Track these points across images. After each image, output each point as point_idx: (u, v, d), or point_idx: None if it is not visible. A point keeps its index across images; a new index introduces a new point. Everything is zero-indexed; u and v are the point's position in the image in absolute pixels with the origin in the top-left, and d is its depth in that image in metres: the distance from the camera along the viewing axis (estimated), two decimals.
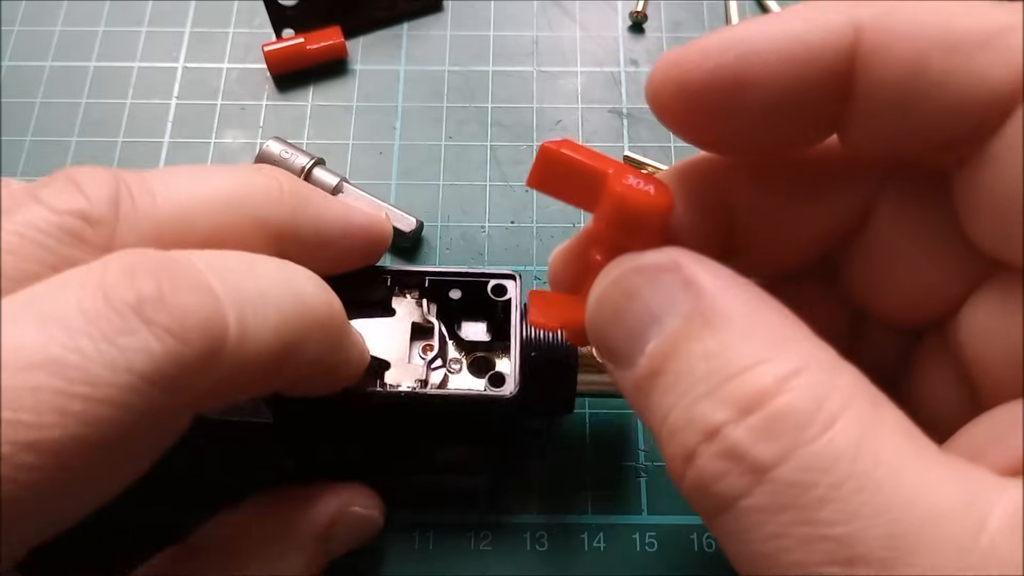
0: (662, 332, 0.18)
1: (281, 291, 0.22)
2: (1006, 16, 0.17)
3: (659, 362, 0.18)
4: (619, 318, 0.20)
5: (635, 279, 0.19)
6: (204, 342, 0.19)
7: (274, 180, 0.26)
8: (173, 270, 0.19)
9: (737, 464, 0.16)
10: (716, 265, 0.19)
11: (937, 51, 0.17)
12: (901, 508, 0.15)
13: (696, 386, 0.17)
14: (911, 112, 0.18)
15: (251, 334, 0.20)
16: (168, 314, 0.18)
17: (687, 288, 0.18)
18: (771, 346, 0.17)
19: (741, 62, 0.18)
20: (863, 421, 0.16)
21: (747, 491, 0.16)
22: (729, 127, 0.19)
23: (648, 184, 0.20)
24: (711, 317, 0.18)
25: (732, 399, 0.17)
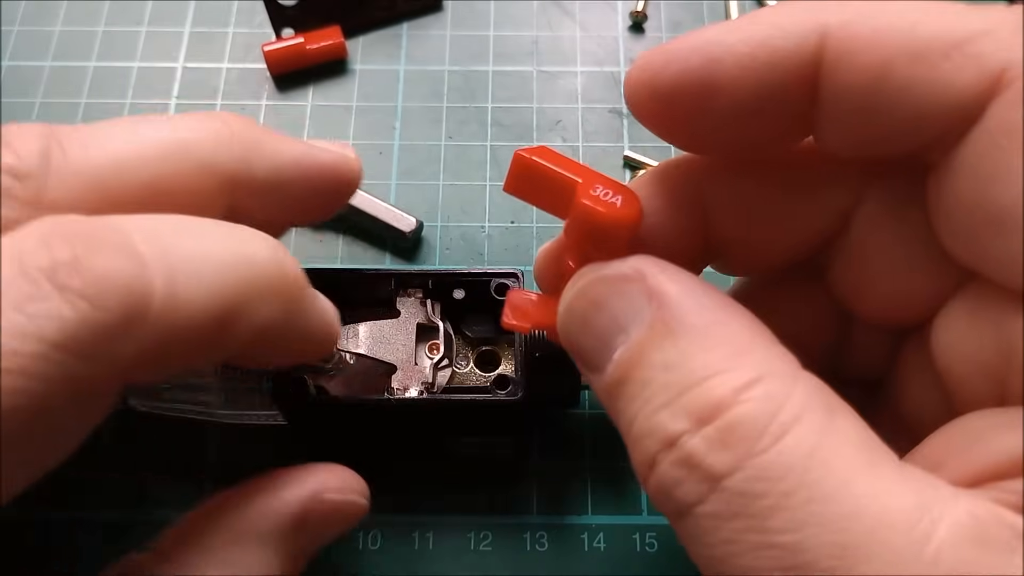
0: (628, 340, 0.19)
1: (223, 250, 0.20)
2: (974, 21, 0.17)
3: (625, 370, 0.19)
4: (587, 326, 0.20)
5: (601, 289, 0.20)
6: (123, 307, 0.18)
7: (222, 123, 0.24)
8: (93, 233, 0.18)
9: (693, 472, 0.17)
10: (681, 274, 0.19)
11: (902, 58, 0.17)
12: (849, 518, 0.16)
13: (657, 395, 0.18)
14: (877, 118, 0.18)
15: (183, 297, 0.19)
16: (82, 278, 0.17)
17: (651, 298, 0.19)
18: (729, 356, 0.17)
19: (707, 66, 0.18)
20: (817, 432, 0.16)
21: (702, 498, 0.17)
22: (700, 128, 0.20)
23: (616, 195, 0.20)
24: (673, 326, 0.18)
25: (690, 409, 0.17)
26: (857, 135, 0.19)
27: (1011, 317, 0.17)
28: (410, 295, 0.32)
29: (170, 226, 0.20)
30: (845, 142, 0.19)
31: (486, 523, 0.34)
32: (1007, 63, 0.16)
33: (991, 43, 0.16)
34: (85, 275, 0.17)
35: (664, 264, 0.20)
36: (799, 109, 0.19)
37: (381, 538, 0.34)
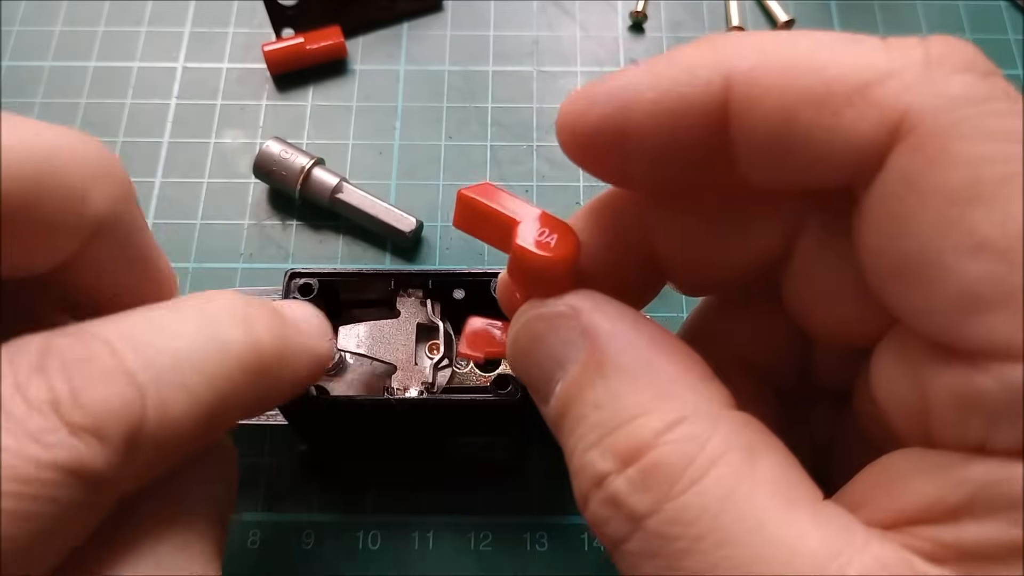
0: (565, 377, 0.19)
1: (201, 349, 0.21)
2: (880, 61, 0.16)
3: (563, 405, 0.19)
4: (530, 361, 0.21)
5: (539, 325, 0.20)
6: (123, 434, 0.19)
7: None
8: (86, 357, 0.19)
9: (618, 512, 0.17)
10: (616, 309, 0.20)
11: (805, 105, 0.17)
12: (759, 563, 0.16)
13: (588, 434, 0.18)
14: (786, 162, 0.18)
15: (171, 414, 0.19)
16: (83, 413, 0.18)
17: (584, 336, 0.19)
18: (654, 397, 0.18)
19: (621, 113, 0.18)
20: (733, 474, 0.17)
21: (626, 537, 0.17)
22: (625, 169, 0.20)
23: (552, 234, 0.20)
24: (603, 365, 0.19)
25: (615, 450, 0.18)
26: (773, 176, 0.18)
27: (927, 363, 0.17)
28: (410, 295, 0.32)
29: (148, 329, 0.20)
30: (765, 181, 0.19)
31: (486, 523, 0.34)
32: (908, 108, 0.16)
33: (893, 87, 0.16)
34: (86, 409, 0.18)
35: (600, 300, 0.20)
36: (714, 150, 0.18)
37: (381, 538, 0.34)
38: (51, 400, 0.18)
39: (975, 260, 0.15)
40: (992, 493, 0.16)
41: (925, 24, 0.48)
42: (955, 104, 0.16)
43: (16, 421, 0.18)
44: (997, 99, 0.16)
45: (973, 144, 0.15)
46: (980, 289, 0.15)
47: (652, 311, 0.39)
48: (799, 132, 0.17)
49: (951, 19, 0.48)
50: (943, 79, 0.16)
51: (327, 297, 0.31)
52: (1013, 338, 0.15)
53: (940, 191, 0.15)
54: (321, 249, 0.41)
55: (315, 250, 0.41)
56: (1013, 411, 0.15)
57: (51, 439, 0.18)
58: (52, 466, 0.17)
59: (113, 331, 0.20)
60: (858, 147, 0.16)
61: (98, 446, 0.18)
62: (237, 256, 0.41)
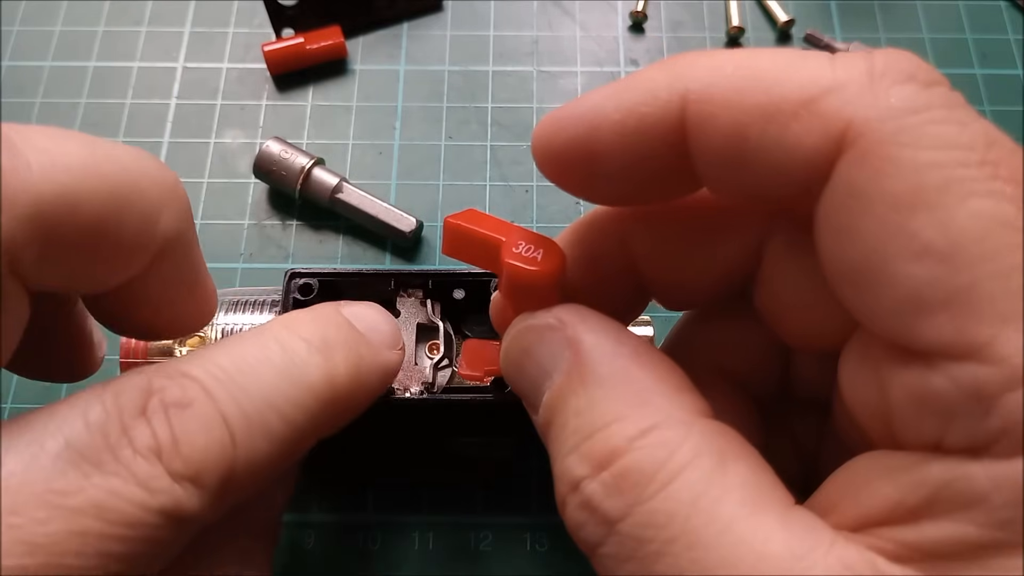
0: (552, 386, 0.20)
1: (283, 390, 0.22)
2: (825, 77, 0.17)
3: (549, 414, 0.20)
4: (521, 372, 0.22)
5: (529, 337, 0.21)
6: (219, 482, 0.20)
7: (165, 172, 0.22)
8: (181, 401, 0.20)
9: (593, 516, 0.18)
10: (601, 323, 0.21)
11: (755, 121, 0.17)
12: (726, 565, 0.16)
13: (568, 440, 0.19)
14: (742, 175, 0.18)
15: (256, 458, 0.21)
16: (183, 461, 0.19)
17: (568, 346, 0.20)
18: (630, 405, 0.19)
19: (589, 134, 0.19)
20: (703, 479, 0.17)
21: (602, 540, 0.18)
22: (596, 186, 0.21)
23: (538, 250, 0.22)
24: (584, 375, 0.20)
25: (590, 456, 0.18)
26: (733, 188, 0.19)
27: (886, 364, 0.17)
28: (410, 295, 0.32)
29: (236, 369, 0.21)
30: (727, 193, 0.20)
31: (486, 523, 0.34)
32: (851, 120, 0.16)
33: (837, 100, 0.16)
34: (186, 457, 0.19)
35: (586, 313, 0.21)
36: (677, 166, 0.19)
37: (381, 538, 0.34)
38: (154, 447, 0.19)
39: (919, 264, 0.16)
40: (948, 493, 0.16)
41: (925, 24, 0.48)
42: (896, 114, 0.16)
43: (125, 464, 0.19)
44: (936, 108, 0.16)
45: (914, 152, 0.16)
46: (925, 292, 0.16)
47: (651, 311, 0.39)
48: (751, 146, 0.17)
49: (951, 19, 0.48)
50: (884, 90, 0.16)
51: (327, 297, 0.31)
52: (958, 337, 0.15)
53: (883, 199, 0.16)
54: (321, 249, 0.41)
55: (315, 250, 0.41)
56: (964, 409, 0.15)
57: (156, 485, 0.19)
58: (156, 511, 0.18)
59: (205, 373, 0.21)
60: (806, 158, 0.17)
61: (195, 492, 0.19)
62: (237, 256, 0.41)
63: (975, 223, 0.15)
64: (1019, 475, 0.15)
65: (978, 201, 0.15)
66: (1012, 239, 0.15)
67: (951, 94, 0.17)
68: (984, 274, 0.15)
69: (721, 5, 0.49)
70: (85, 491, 0.18)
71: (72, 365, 0.28)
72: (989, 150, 0.16)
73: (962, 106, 0.16)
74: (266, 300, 0.33)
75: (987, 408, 0.15)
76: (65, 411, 0.19)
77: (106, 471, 0.18)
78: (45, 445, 0.18)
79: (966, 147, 0.16)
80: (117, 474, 0.18)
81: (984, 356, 0.15)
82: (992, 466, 0.15)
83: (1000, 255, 0.15)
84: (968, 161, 0.16)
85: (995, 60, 0.47)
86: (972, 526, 0.15)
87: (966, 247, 0.15)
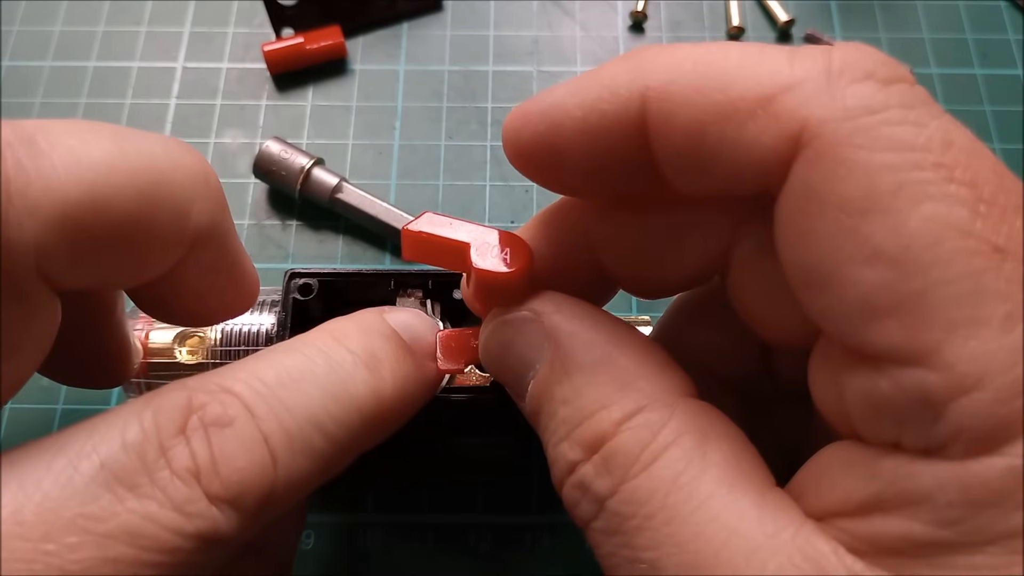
0: (535, 376, 0.21)
1: (328, 405, 0.21)
2: (783, 75, 0.17)
3: (536, 403, 0.21)
4: (503, 365, 0.22)
5: (506, 332, 0.22)
6: (255, 503, 0.19)
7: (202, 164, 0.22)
8: (221, 419, 0.19)
9: (585, 494, 0.19)
10: (577, 309, 0.21)
11: (714, 119, 0.17)
12: (702, 540, 0.17)
13: (559, 429, 0.20)
14: (702, 172, 0.18)
15: (295, 478, 0.20)
16: (222, 484, 0.19)
17: (548, 337, 0.21)
18: (615, 390, 0.19)
19: (552, 130, 0.19)
20: (683, 458, 0.18)
21: (593, 517, 0.19)
22: (562, 179, 0.21)
23: (505, 248, 0.22)
24: (567, 364, 0.20)
25: (582, 441, 0.19)
26: (695, 185, 0.19)
27: (842, 366, 0.17)
28: (410, 295, 0.32)
29: (280, 384, 0.20)
30: (690, 189, 0.19)
31: (486, 523, 0.34)
32: (807, 120, 0.16)
33: (793, 99, 0.16)
34: (225, 480, 0.19)
35: (560, 302, 0.21)
36: (641, 162, 0.19)
37: (381, 538, 0.34)
38: (193, 469, 0.18)
39: (870, 269, 0.15)
40: (895, 489, 0.16)
41: (925, 24, 0.48)
42: (851, 114, 0.16)
43: (161, 487, 0.18)
44: (894, 108, 0.16)
45: (868, 154, 0.15)
46: (875, 296, 0.15)
47: (653, 310, 0.39)
48: (710, 144, 0.17)
49: (951, 19, 0.48)
50: (841, 90, 0.16)
51: (327, 297, 0.31)
52: (907, 343, 0.15)
53: (837, 202, 0.16)
54: (321, 249, 0.41)
55: (315, 250, 0.41)
56: (914, 414, 0.15)
57: (192, 509, 0.18)
58: (193, 536, 0.18)
59: (247, 388, 0.20)
60: (762, 158, 0.17)
61: (234, 515, 0.19)
62: None
63: (927, 227, 0.15)
64: (965, 476, 0.15)
65: (931, 205, 0.15)
66: (964, 244, 0.15)
67: (911, 92, 0.16)
68: (934, 280, 0.15)
69: (721, 5, 0.49)
70: (119, 516, 0.17)
71: (110, 371, 0.27)
72: (945, 152, 0.15)
73: (922, 105, 0.16)
74: (266, 300, 0.33)
75: (936, 414, 0.15)
76: (103, 429, 0.18)
77: (142, 494, 0.18)
78: (80, 467, 0.18)
79: (922, 149, 0.15)
80: (153, 498, 0.18)
81: (932, 362, 0.15)
82: (939, 466, 0.15)
83: (951, 261, 0.15)
84: (923, 163, 0.15)
85: (995, 60, 0.47)
86: (917, 523, 0.16)
87: (917, 252, 0.15)
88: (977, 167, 0.16)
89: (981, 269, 0.15)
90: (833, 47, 0.17)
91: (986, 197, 0.15)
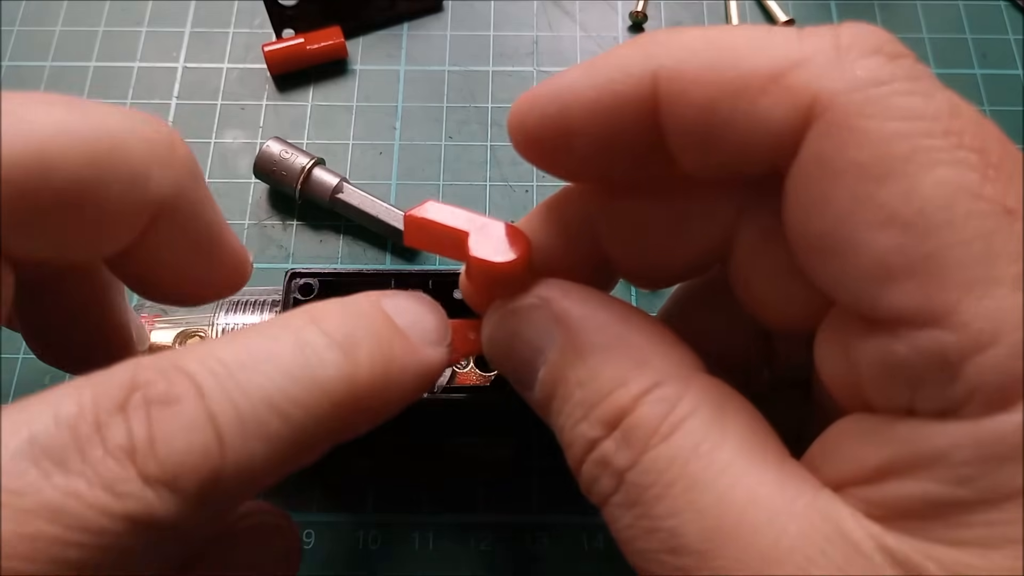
0: (546, 362, 0.21)
1: (288, 389, 0.19)
2: (793, 51, 0.17)
3: (548, 389, 0.21)
4: (510, 355, 0.22)
5: (512, 322, 0.22)
6: (196, 486, 0.18)
7: (163, 134, 0.22)
8: (165, 398, 0.18)
9: (605, 469, 0.19)
10: (584, 293, 0.21)
11: (725, 96, 0.18)
12: (722, 507, 0.17)
13: (576, 410, 0.20)
14: (713, 150, 0.19)
15: (247, 462, 0.19)
16: (158, 464, 0.18)
17: (558, 322, 0.21)
18: (630, 368, 0.19)
19: (561, 112, 0.20)
20: (702, 428, 0.18)
21: (612, 491, 0.19)
22: (570, 163, 0.21)
23: (504, 238, 0.22)
24: (580, 347, 0.20)
25: (601, 419, 0.19)
26: (705, 164, 0.19)
27: (855, 335, 0.18)
28: None
29: (239, 364, 0.19)
30: (700, 170, 0.20)
31: (486, 523, 0.34)
32: (818, 92, 0.17)
33: (804, 74, 0.17)
34: (163, 459, 0.18)
35: (567, 287, 0.21)
36: (650, 143, 0.19)
37: (381, 538, 0.34)
38: (128, 447, 0.18)
39: (884, 232, 0.16)
40: (910, 452, 0.16)
41: (925, 24, 0.48)
42: (862, 85, 0.16)
43: (91, 465, 0.17)
44: (901, 79, 0.16)
45: (880, 123, 0.16)
46: (890, 259, 0.16)
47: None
48: (722, 121, 0.18)
49: (951, 19, 0.48)
50: (851, 63, 0.17)
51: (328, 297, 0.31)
52: (923, 304, 0.16)
53: (850, 169, 0.16)
54: (321, 249, 0.41)
55: (315, 250, 0.41)
56: (930, 376, 0.16)
57: (123, 489, 0.17)
58: (122, 517, 0.17)
59: (201, 367, 0.19)
60: (774, 132, 0.17)
61: (170, 498, 0.18)
62: None
63: (940, 191, 0.15)
64: (980, 434, 0.15)
65: (943, 170, 0.16)
66: (976, 206, 0.15)
67: (916, 66, 0.17)
68: (948, 242, 0.15)
69: (721, 5, 0.49)
70: (42, 492, 0.16)
71: (112, 357, 0.26)
72: (953, 120, 0.16)
73: (927, 77, 0.17)
74: (266, 300, 0.33)
75: (952, 374, 0.15)
76: (37, 405, 0.18)
77: (69, 471, 0.17)
78: (9, 442, 0.17)
79: (931, 117, 0.16)
80: (82, 475, 0.17)
81: (947, 322, 0.15)
82: (954, 426, 0.16)
83: (964, 222, 0.15)
84: (933, 131, 0.16)
85: (995, 60, 0.47)
86: (933, 484, 0.16)
87: (931, 215, 0.15)
88: (984, 134, 0.16)
89: (993, 230, 0.15)
90: (839, 25, 0.18)
91: (994, 162, 0.16)
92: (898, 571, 0.16)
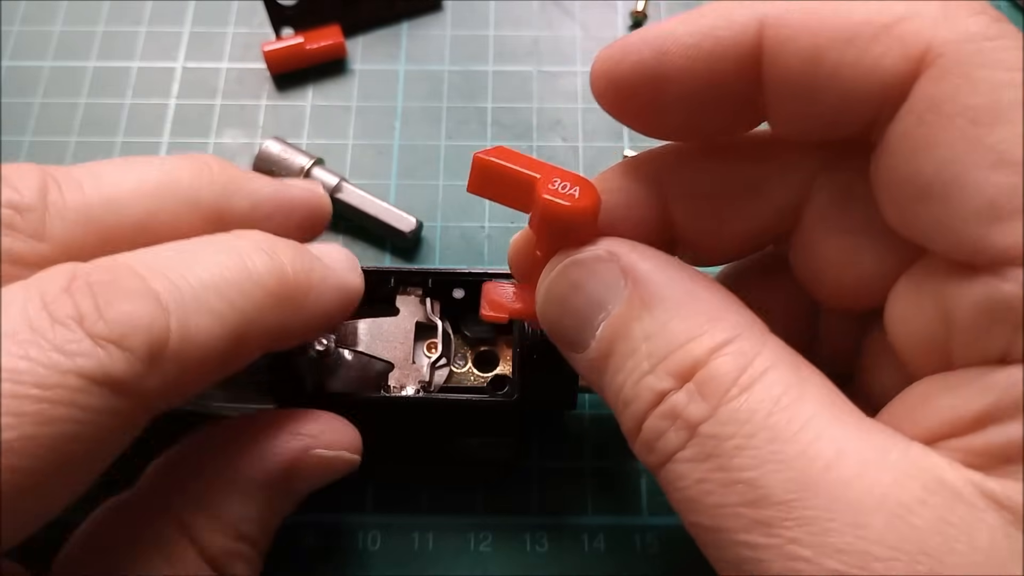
0: (608, 317, 0.20)
1: (226, 274, 0.22)
2: (902, 5, 0.18)
3: (608, 344, 0.20)
4: (567, 309, 0.22)
5: (576, 272, 0.21)
6: (146, 345, 0.19)
7: (203, 163, 0.26)
8: (112, 280, 0.20)
9: (674, 422, 0.19)
10: (651, 251, 0.21)
11: (833, 43, 0.18)
12: (807, 458, 0.17)
13: (641, 363, 0.20)
14: (816, 101, 0.19)
15: (194, 332, 0.20)
16: (106, 325, 0.19)
17: (625, 275, 0.20)
18: (704, 322, 0.19)
19: (658, 57, 0.20)
20: (783, 382, 0.18)
21: (682, 445, 0.19)
22: (658, 114, 0.21)
23: (574, 187, 0.21)
24: (648, 300, 0.20)
25: (672, 370, 0.19)
26: (801, 118, 0.20)
27: (950, 284, 0.18)
28: (410, 293, 0.32)
29: (173, 257, 0.21)
30: (793, 126, 0.20)
31: (486, 523, 0.34)
32: (930, 42, 0.17)
33: (916, 24, 0.18)
34: (110, 321, 0.19)
35: (634, 244, 0.21)
36: (746, 95, 0.20)
37: (381, 538, 0.34)
38: (76, 315, 0.19)
39: (996, 173, 0.17)
40: (1012, 396, 0.17)
41: None
42: (973, 38, 0.17)
43: (40, 333, 0.18)
44: (1007, 37, 0.17)
45: (991, 72, 0.17)
46: (1001, 200, 0.17)
47: None
48: (827, 70, 0.18)
49: None
50: (962, 18, 0.17)
51: None
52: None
53: (963, 113, 0.17)
54: None
55: None
56: None
57: (73, 348, 0.18)
58: (75, 372, 0.18)
59: (138, 259, 0.21)
60: (884, 80, 0.18)
61: (120, 355, 0.19)
62: None
63: None
64: None
65: None
66: None
67: (1014, 28, 0.18)
68: None
69: None
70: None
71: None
72: None
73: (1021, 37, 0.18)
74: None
75: None
76: None
77: (20, 340, 0.18)
78: None
79: None
80: (33, 342, 0.18)
81: None
82: None
83: None
84: None
85: None
86: None
87: None
88: None
89: None
90: None
91: None
92: (1003, 514, 0.16)
